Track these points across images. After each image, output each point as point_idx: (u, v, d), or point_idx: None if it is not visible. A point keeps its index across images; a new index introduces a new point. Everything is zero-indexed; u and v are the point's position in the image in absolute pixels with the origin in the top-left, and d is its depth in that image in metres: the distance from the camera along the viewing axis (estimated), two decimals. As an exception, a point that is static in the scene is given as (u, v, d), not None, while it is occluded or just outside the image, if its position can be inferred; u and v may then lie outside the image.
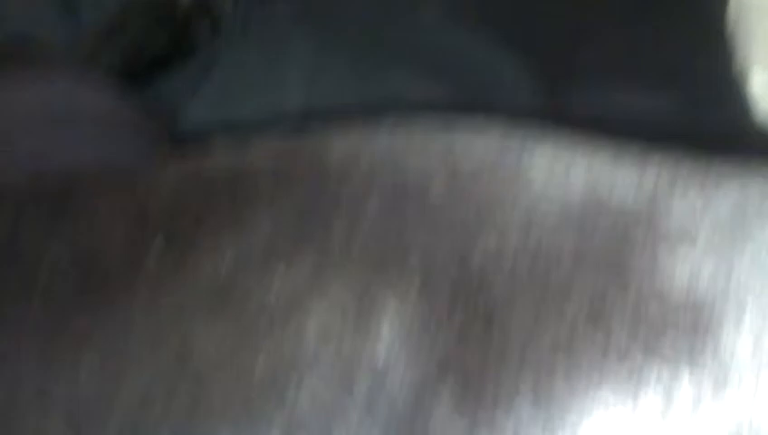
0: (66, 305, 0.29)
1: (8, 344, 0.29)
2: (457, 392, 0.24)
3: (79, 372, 0.27)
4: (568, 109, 0.55)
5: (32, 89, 0.46)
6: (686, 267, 0.25)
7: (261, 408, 0.25)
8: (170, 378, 0.26)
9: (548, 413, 0.23)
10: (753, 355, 0.24)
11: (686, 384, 0.23)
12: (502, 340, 0.25)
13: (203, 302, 0.27)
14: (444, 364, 0.25)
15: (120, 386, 0.26)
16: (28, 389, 0.27)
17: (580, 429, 0.23)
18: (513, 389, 0.24)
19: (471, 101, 0.48)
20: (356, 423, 0.24)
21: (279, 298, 0.27)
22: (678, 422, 0.23)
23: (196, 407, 0.25)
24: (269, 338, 0.26)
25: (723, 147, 0.32)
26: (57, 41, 0.70)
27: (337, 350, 0.26)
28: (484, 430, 0.23)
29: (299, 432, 0.25)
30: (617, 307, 0.25)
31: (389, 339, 0.26)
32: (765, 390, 0.23)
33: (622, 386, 0.24)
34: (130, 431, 0.25)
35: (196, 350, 0.26)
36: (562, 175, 0.30)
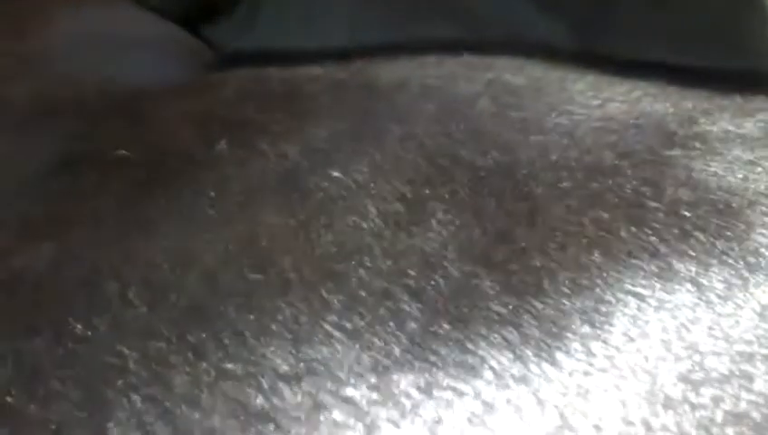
0: (139, 198, 0.32)
1: (87, 234, 0.31)
2: (501, 282, 0.26)
3: (151, 253, 0.29)
4: (602, 54, 0.57)
5: (98, 15, 0.48)
6: (716, 179, 0.27)
7: (319, 291, 0.27)
8: (237, 257, 0.28)
9: (584, 304, 0.26)
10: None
11: (714, 281, 0.25)
12: (542, 239, 0.27)
13: (268, 190, 0.30)
14: (489, 259, 0.27)
15: (190, 266, 0.28)
16: (106, 268, 0.29)
17: (614, 318, 0.25)
18: (553, 281, 0.26)
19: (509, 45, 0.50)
20: (404, 304, 0.26)
21: (340, 192, 0.29)
22: (707, 313, 0.25)
23: (259, 285, 0.28)
24: (329, 226, 0.28)
25: (750, 90, 0.34)
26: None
27: (390, 243, 0.28)
28: (527, 317, 0.26)
29: (352, 314, 0.27)
30: (650, 213, 0.27)
31: (438, 236, 0.28)
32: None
33: (653, 281, 0.26)
34: (198, 307, 0.28)
35: (263, 232, 0.28)
36: (602, 101, 0.32)
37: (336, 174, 0.30)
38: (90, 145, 0.34)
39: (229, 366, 0.26)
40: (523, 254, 0.27)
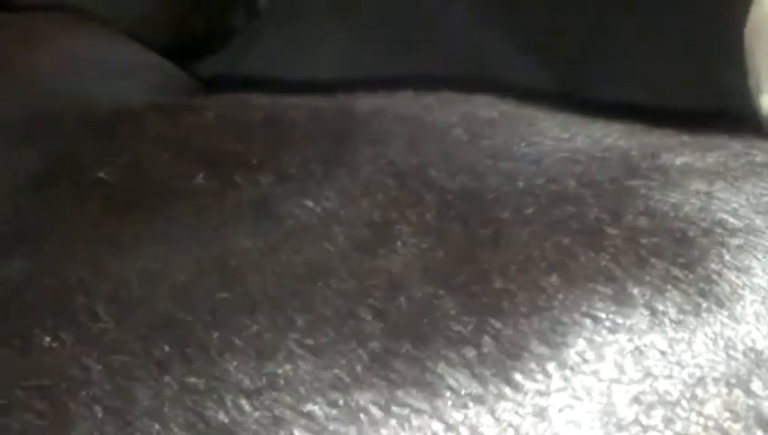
0: (113, 219, 0.32)
1: (58, 251, 0.31)
2: (462, 303, 0.27)
3: (121, 271, 0.30)
4: (583, 96, 0.58)
5: (85, 42, 0.49)
6: (674, 209, 0.28)
7: (284, 309, 0.28)
8: (207, 276, 0.29)
9: (542, 325, 0.26)
10: (731, 286, 0.26)
11: (668, 306, 0.26)
12: (504, 262, 0.28)
13: (242, 217, 0.30)
14: (451, 280, 0.27)
15: (160, 283, 0.29)
16: (76, 283, 0.30)
17: (570, 339, 0.26)
18: (512, 302, 0.27)
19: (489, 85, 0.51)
20: (367, 324, 0.27)
21: (311, 219, 0.30)
22: (661, 337, 0.26)
23: (227, 303, 0.28)
24: (298, 249, 0.29)
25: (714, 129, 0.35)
26: (101, 16, 0.74)
27: (356, 265, 0.28)
28: (486, 337, 0.26)
29: (316, 332, 0.27)
30: (609, 239, 0.27)
31: (403, 258, 0.28)
32: (739, 313, 0.26)
33: (609, 305, 0.26)
34: (165, 322, 0.28)
35: (233, 253, 0.29)
36: (570, 135, 0.33)
37: (307, 202, 0.31)
38: (68, 165, 0.35)
39: (192, 380, 0.26)
40: (484, 276, 0.27)
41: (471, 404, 0.25)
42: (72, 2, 0.73)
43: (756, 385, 0.25)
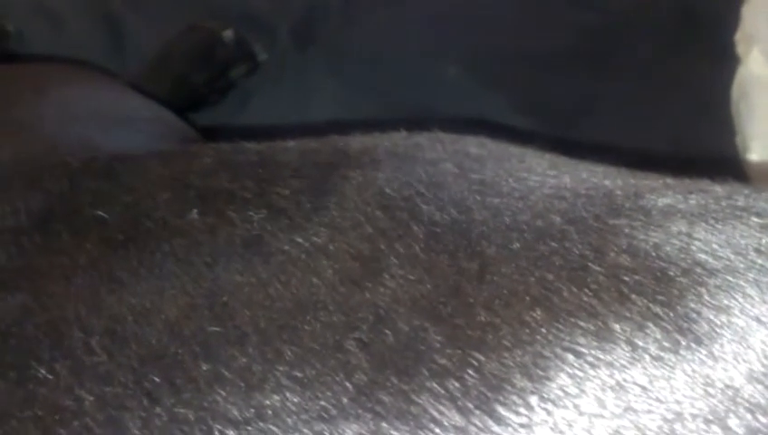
0: (111, 256, 0.33)
1: (57, 286, 0.32)
2: (447, 336, 0.27)
3: (117, 307, 0.31)
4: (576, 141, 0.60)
5: (91, 92, 0.50)
6: (656, 248, 0.29)
7: (273, 342, 0.28)
8: (198, 311, 0.29)
9: (525, 358, 0.27)
10: (709, 325, 0.27)
11: (648, 342, 0.26)
12: (489, 296, 0.28)
13: (234, 254, 0.31)
14: (437, 313, 0.28)
15: (153, 318, 0.30)
16: (72, 318, 0.30)
17: (551, 373, 0.26)
18: (496, 335, 0.27)
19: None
20: (354, 356, 0.27)
21: (300, 254, 0.30)
22: (641, 373, 0.26)
23: (217, 336, 0.29)
24: (287, 284, 0.30)
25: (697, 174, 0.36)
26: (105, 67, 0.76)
27: (344, 298, 0.29)
28: (469, 370, 0.27)
29: (303, 364, 0.28)
30: (591, 275, 0.28)
31: (390, 291, 0.29)
32: (717, 352, 0.26)
33: (590, 340, 0.27)
34: (157, 355, 0.29)
35: (225, 289, 0.30)
36: (557, 172, 0.34)
37: (296, 238, 0.32)
38: (69, 205, 0.36)
39: (181, 411, 0.27)
40: (469, 309, 0.28)
41: (454, 437, 0.26)
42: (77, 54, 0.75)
43: (733, 422, 0.25)
